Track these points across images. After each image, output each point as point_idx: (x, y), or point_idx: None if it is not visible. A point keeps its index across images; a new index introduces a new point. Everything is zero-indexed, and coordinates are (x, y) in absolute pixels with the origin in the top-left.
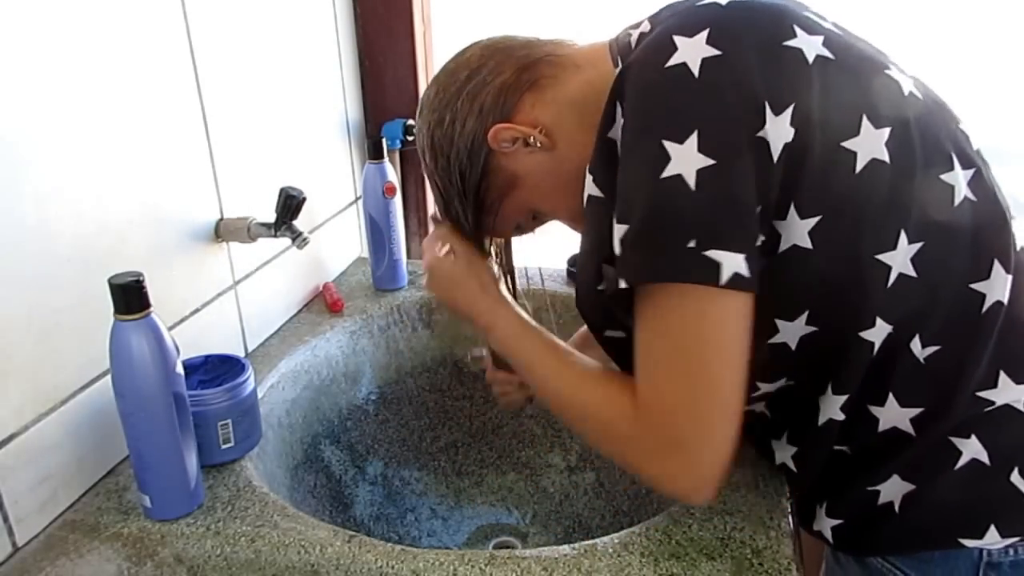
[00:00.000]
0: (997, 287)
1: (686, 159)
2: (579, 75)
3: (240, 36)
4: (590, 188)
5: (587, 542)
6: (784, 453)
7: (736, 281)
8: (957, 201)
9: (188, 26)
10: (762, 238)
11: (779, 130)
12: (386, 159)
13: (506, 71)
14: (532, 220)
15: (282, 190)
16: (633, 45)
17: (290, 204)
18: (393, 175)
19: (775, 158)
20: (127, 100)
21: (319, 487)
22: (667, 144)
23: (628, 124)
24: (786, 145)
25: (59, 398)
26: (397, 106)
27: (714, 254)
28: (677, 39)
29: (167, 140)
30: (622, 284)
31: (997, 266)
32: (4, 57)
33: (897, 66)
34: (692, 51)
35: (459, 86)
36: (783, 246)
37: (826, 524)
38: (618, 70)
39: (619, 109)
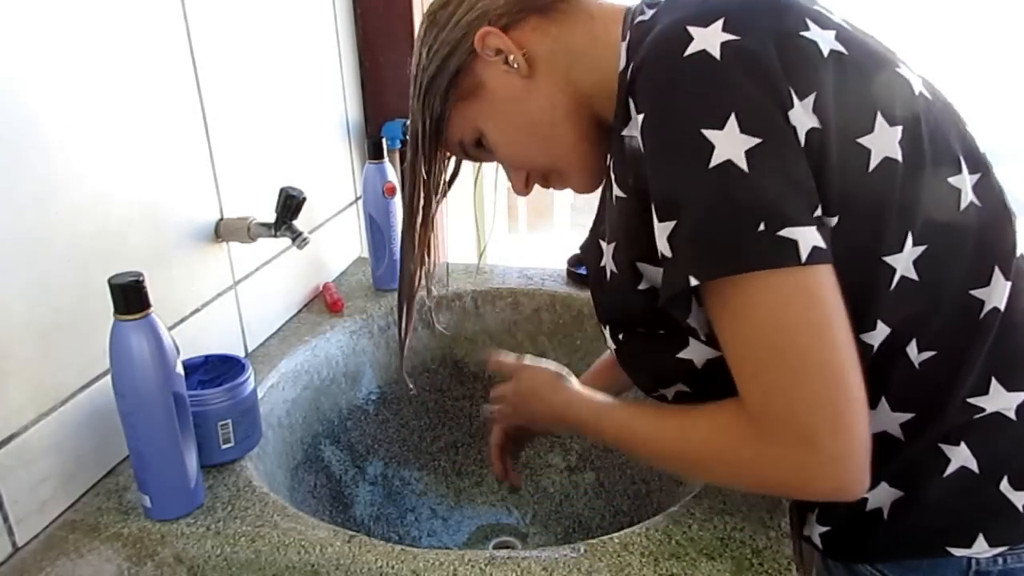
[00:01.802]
0: (996, 294)
1: (731, 143)
2: (589, 26)
3: (240, 36)
4: (615, 189)
5: (587, 542)
6: None
7: (816, 255)
8: (963, 205)
9: (188, 26)
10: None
11: (804, 116)
12: (386, 159)
13: None
14: (474, 147)
15: (282, 190)
16: (633, 22)
17: (290, 204)
18: (393, 175)
19: (802, 143)
20: (127, 100)
21: (319, 487)
22: (707, 132)
23: (654, 120)
24: (809, 132)
25: (59, 398)
26: (397, 106)
27: (788, 232)
28: (692, 29)
29: (167, 140)
30: (692, 281)
31: (997, 273)
32: (4, 57)
33: (906, 64)
34: (710, 38)
35: None
36: None
37: (816, 530)
38: (630, 67)
39: (632, 106)
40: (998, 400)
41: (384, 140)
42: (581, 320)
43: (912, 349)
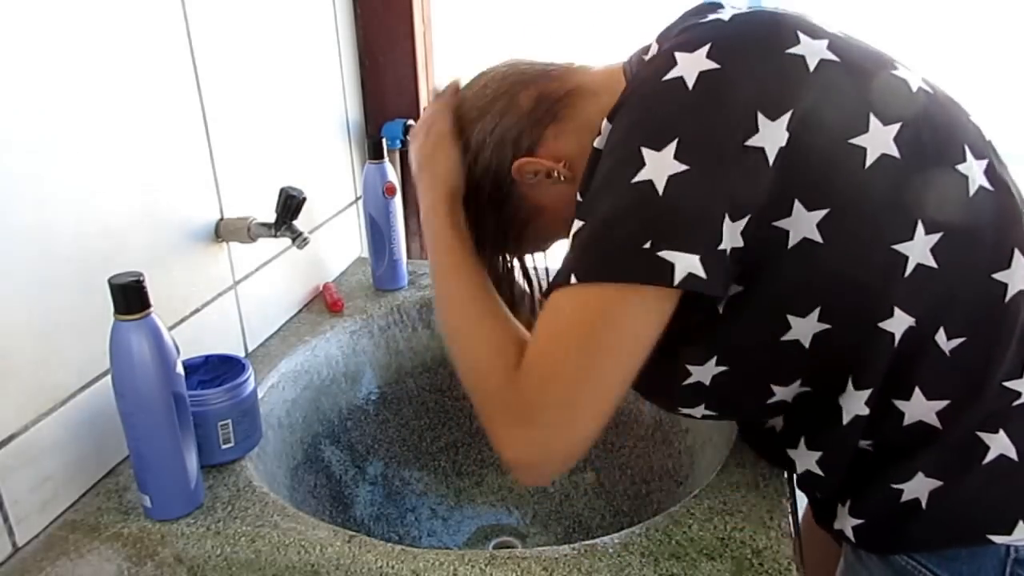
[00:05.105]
0: (1019, 277)
1: (660, 166)
2: (596, 102)
3: (240, 36)
4: (578, 197)
5: (587, 542)
6: (807, 459)
7: (690, 281)
8: (972, 191)
9: (188, 26)
10: (741, 243)
11: (775, 135)
12: (386, 159)
13: (526, 103)
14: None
15: (282, 190)
16: (634, 70)
17: (290, 204)
18: (393, 175)
19: (771, 162)
20: (127, 100)
21: (319, 487)
22: (644, 151)
23: (613, 133)
24: (781, 149)
25: (59, 398)
26: (397, 106)
27: (667, 254)
28: (678, 55)
29: (167, 140)
30: (573, 280)
31: (1018, 255)
32: (3, 57)
33: (904, 66)
34: (691, 66)
35: (478, 116)
36: (792, 241)
37: (848, 523)
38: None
39: (609, 123)
40: None
41: (384, 140)
42: None
43: (941, 337)
